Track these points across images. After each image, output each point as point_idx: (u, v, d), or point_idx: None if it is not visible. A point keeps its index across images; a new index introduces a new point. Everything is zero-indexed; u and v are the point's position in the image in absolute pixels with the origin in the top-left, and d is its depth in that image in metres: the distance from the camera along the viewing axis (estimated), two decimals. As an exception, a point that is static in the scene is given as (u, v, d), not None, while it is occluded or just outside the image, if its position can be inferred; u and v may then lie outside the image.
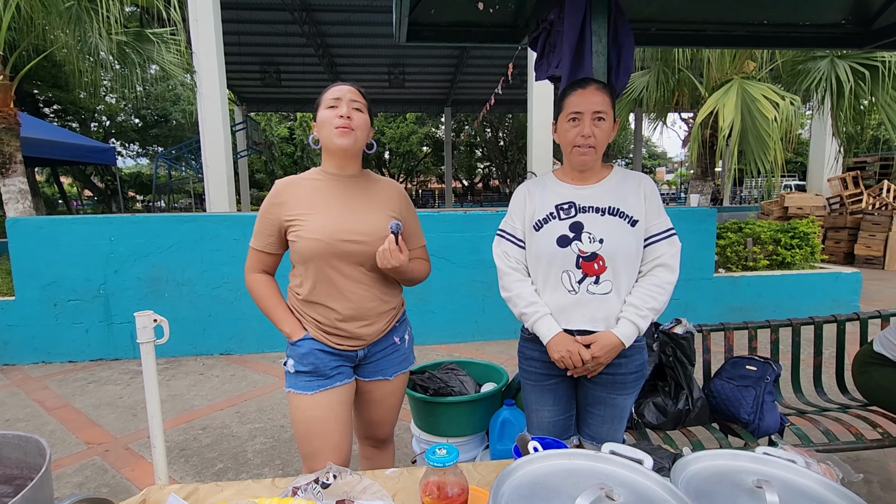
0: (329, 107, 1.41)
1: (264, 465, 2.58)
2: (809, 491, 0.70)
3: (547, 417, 1.55)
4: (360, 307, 1.45)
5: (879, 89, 4.66)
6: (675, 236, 1.43)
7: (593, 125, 1.38)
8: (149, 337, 1.36)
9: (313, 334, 1.46)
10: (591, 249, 1.39)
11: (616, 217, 1.40)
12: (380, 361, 1.56)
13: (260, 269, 1.51)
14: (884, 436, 1.87)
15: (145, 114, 18.77)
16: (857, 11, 2.61)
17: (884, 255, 8.14)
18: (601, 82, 1.43)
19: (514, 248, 1.52)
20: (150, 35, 5.75)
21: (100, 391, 3.61)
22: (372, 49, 13.83)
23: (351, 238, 1.40)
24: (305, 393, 1.44)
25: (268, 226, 1.46)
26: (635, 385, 1.49)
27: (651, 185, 1.46)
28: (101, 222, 4.22)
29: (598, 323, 1.41)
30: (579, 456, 0.75)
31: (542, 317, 1.44)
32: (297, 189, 1.45)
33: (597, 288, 1.40)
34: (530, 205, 1.50)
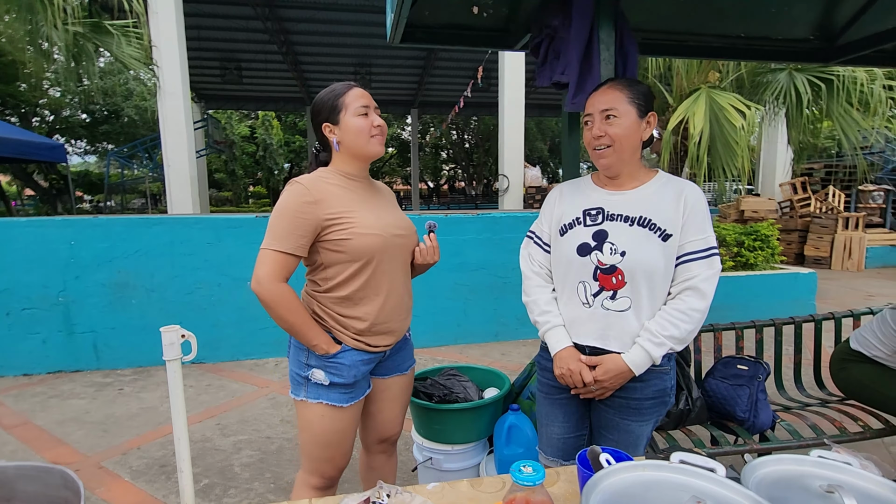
0: (360, 115, 1.43)
1: (254, 479, 2.48)
2: (875, 493, 0.73)
3: (556, 433, 1.48)
4: (401, 300, 1.51)
5: (833, 101, 5.00)
6: (715, 257, 1.28)
7: (604, 124, 1.30)
8: (176, 354, 1.27)
9: (351, 343, 1.43)
10: (610, 261, 1.29)
11: (645, 228, 1.28)
12: (396, 357, 1.61)
13: (285, 276, 1.36)
14: (864, 428, 1.99)
15: (94, 109, 17.73)
16: (823, 29, 2.78)
17: (830, 256, 8.71)
18: (618, 80, 1.36)
19: (539, 252, 1.46)
20: (108, 27, 5.44)
21: (63, 406, 3.38)
22: (338, 48, 13.60)
23: (398, 232, 1.47)
24: (340, 405, 1.43)
25: (301, 226, 1.35)
26: (653, 412, 1.37)
27: (696, 195, 1.30)
28: (60, 225, 3.96)
29: (610, 341, 1.31)
30: (651, 467, 0.75)
31: (553, 328, 1.39)
32: (328, 188, 1.41)
33: (612, 304, 1.30)
34: (559, 207, 1.43)
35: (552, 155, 26.74)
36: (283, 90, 16.93)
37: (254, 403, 3.38)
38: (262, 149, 24.08)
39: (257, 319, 4.27)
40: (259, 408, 3.31)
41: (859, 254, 8.57)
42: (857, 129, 5.27)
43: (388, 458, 1.73)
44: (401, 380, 1.63)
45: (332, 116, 1.43)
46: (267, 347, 4.33)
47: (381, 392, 1.60)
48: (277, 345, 4.33)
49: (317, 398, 1.42)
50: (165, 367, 4.16)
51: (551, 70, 1.88)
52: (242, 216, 4.28)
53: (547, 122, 24.40)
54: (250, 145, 24.91)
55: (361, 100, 1.43)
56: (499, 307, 4.74)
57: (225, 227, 4.16)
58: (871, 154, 10.06)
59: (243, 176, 25.84)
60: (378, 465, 1.72)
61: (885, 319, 2.08)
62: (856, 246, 8.56)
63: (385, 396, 1.61)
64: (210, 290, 4.17)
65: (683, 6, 2.44)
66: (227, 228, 4.15)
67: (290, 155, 26.75)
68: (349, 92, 1.43)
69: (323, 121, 1.45)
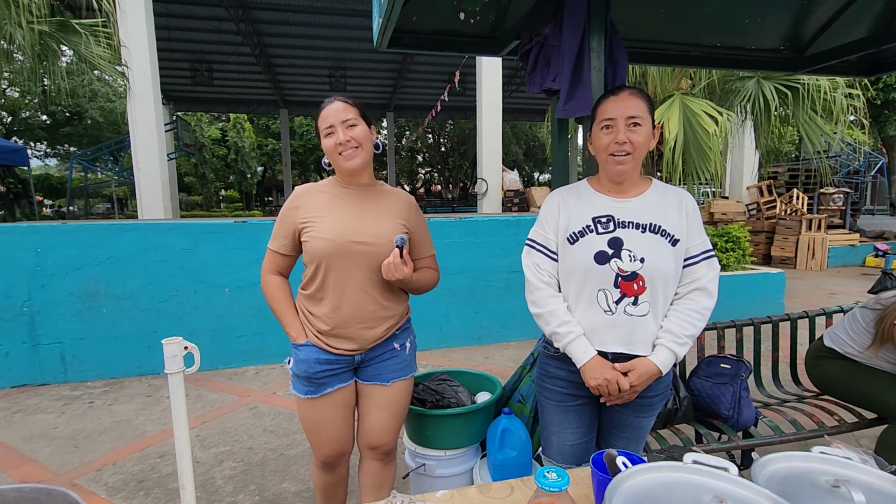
0: (326, 135, 1.50)
1: (238, 491, 2.41)
2: (878, 487, 0.75)
3: (570, 440, 1.48)
4: (360, 309, 1.53)
5: (799, 108, 5.22)
6: (714, 258, 1.37)
7: (629, 131, 1.30)
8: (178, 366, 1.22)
9: (312, 339, 1.54)
10: (631, 268, 1.31)
11: (657, 235, 1.32)
12: (378, 366, 1.62)
13: (275, 270, 1.59)
14: (840, 422, 2.08)
15: (55, 110, 17.05)
16: (792, 40, 2.90)
17: (795, 256, 9.07)
18: (636, 88, 1.37)
19: (546, 261, 1.43)
20: (76, 26, 5.24)
21: (29, 422, 3.22)
22: (312, 51, 13.46)
23: (359, 239, 1.49)
24: (301, 396, 1.58)
25: (284, 227, 1.55)
26: (659, 406, 1.45)
27: (693, 203, 1.40)
28: (25, 232, 3.78)
29: (636, 346, 1.34)
30: (668, 468, 0.77)
31: (577, 338, 1.36)
32: (315, 195, 1.55)
33: (635, 309, 1.32)
34: (565, 215, 1.41)
35: (527, 158, 27.05)
36: (255, 93, 16.63)
37: (234, 413, 3.29)
38: (234, 152, 23.60)
39: (235, 327, 4.17)
40: (240, 418, 3.22)
41: (822, 254, 8.95)
42: (820, 135, 5.53)
43: (383, 466, 1.71)
44: (382, 390, 1.62)
45: (318, 136, 1.55)
46: (246, 355, 4.22)
47: (364, 397, 1.65)
48: (257, 353, 4.23)
49: (292, 388, 1.60)
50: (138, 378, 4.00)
51: (542, 77, 1.90)
52: (220, 221, 4.17)
53: (521, 126, 24.68)
54: (221, 148, 24.37)
55: (327, 119, 1.49)
56: (481, 311, 4.76)
57: (202, 232, 4.04)
58: (829, 158, 10.55)
59: (214, 179, 25.27)
60: (372, 471, 1.71)
61: (855, 318, 2.17)
62: (818, 246, 8.94)
63: (367, 402, 1.64)
64: (186, 297, 4.05)
65: (664, 17, 2.51)
66: (203, 234, 4.04)
67: (262, 158, 26.29)
68: (321, 113, 1.51)
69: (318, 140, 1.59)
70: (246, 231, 4.13)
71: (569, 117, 1.80)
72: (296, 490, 2.41)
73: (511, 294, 4.77)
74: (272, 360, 4.28)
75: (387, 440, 1.67)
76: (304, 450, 2.79)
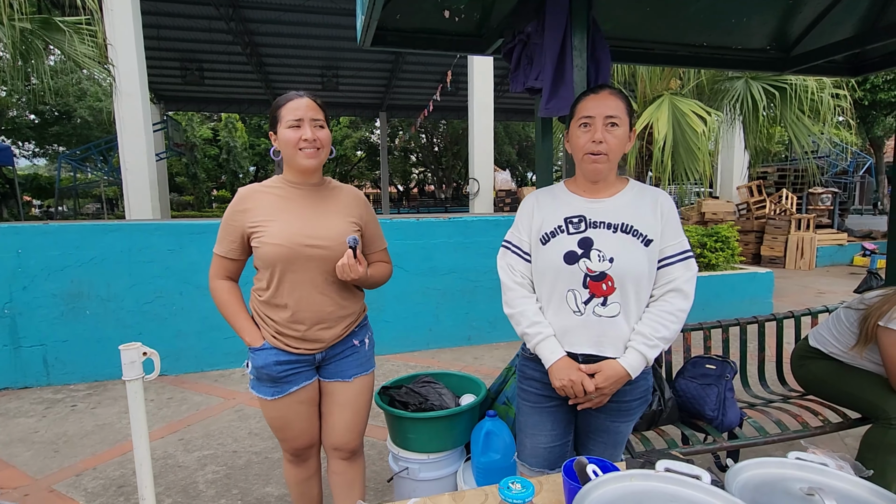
0: (290, 126, 1.44)
1: (220, 496, 2.37)
2: (852, 494, 0.74)
3: (543, 443, 1.45)
4: (319, 311, 1.52)
5: (787, 108, 5.25)
6: (691, 259, 1.33)
7: (605, 130, 1.29)
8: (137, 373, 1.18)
9: (271, 342, 1.52)
10: (599, 268, 1.29)
11: (629, 235, 1.30)
12: (339, 363, 1.62)
13: (224, 275, 1.56)
14: (824, 422, 2.07)
15: (43, 109, 16.84)
16: (778, 40, 2.90)
17: (784, 256, 9.13)
18: (616, 88, 1.36)
19: (519, 262, 1.43)
20: (59, 23, 5.16)
21: (9, 426, 3.16)
22: (304, 50, 13.38)
23: (311, 243, 1.47)
24: (265, 398, 1.57)
25: (231, 232, 1.51)
26: (639, 411, 1.41)
27: (669, 202, 1.35)
28: (6, 232, 3.71)
29: (605, 348, 1.32)
30: (638, 477, 0.75)
31: (546, 339, 1.36)
32: (260, 197, 1.51)
33: (604, 310, 1.30)
34: (538, 216, 1.40)
35: (520, 158, 27.07)
36: (247, 92, 16.52)
37: (219, 416, 3.25)
38: (226, 152, 23.44)
39: (222, 328, 4.12)
40: (224, 421, 3.18)
41: (810, 253, 9.01)
42: (807, 135, 5.56)
43: (349, 464, 1.72)
44: (344, 387, 1.62)
45: (273, 125, 1.50)
46: (232, 357, 4.18)
47: (326, 395, 1.64)
48: (243, 354, 4.14)
49: (251, 388, 1.59)
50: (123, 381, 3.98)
51: (525, 76, 1.88)
52: (206, 221, 4.12)
53: (514, 126, 24.69)
54: (213, 148, 24.20)
55: (296, 112, 1.44)
56: (471, 311, 4.74)
57: (187, 233, 3.99)
58: (817, 158, 10.63)
59: (206, 179, 25.09)
60: (339, 470, 1.72)
61: (839, 318, 2.17)
62: (807, 246, 9.00)
63: (330, 401, 1.64)
64: (171, 299, 4.00)
65: (650, 16, 2.50)
66: (189, 235, 3.99)
67: (255, 158, 26.14)
68: (289, 103, 1.46)
69: (270, 129, 1.55)
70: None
71: (551, 116, 1.78)
72: (279, 494, 2.37)
73: (501, 295, 4.74)
74: (259, 362, 4.23)
75: (350, 438, 1.67)
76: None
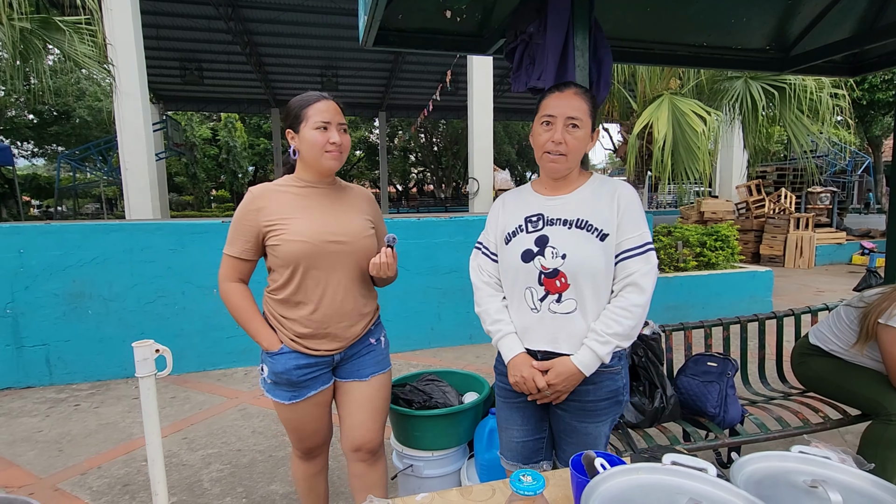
0: (317, 128, 1.44)
1: (225, 494, 2.39)
2: (855, 486, 0.75)
3: (515, 437, 1.47)
4: (341, 308, 1.52)
5: (786, 108, 5.27)
6: (651, 252, 1.30)
7: (566, 131, 1.29)
8: (149, 370, 1.20)
9: (289, 344, 1.50)
10: (553, 265, 1.29)
11: (583, 230, 1.29)
12: (356, 362, 1.62)
13: (236, 277, 1.52)
14: (825, 419, 2.09)
15: (42, 109, 16.82)
16: (778, 40, 2.92)
17: (783, 255, 9.15)
18: (583, 87, 1.36)
19: (487, 262, 1.47)
20: (59, 23, 5.16)
21: (12, 425, 3.17)
22: (304, 50, 13.39)
23: (334, 239, 1.48)
24: (283, 402, 1.54)
25: (244, 232, 1.48)
26: (608, 412, 1.38)
27: (629, 194, 1.32)
28: (7, 232, 3.72)
29: (560, 344, 1.31)
30: (645, 470, 0.76)
31: (505, 336, 1.39)
32: (275, 195, 1.50)
33: (559, 307, 1.30)
34: (503, 216, 1.44)
35: (520, 158, 27.10)
36: (246, 92, 16.51)
37: (222, 415, 3.26)
38: (225, 151, 23.42)
39: (224, 328, 4.14)
40: (228, 419, 3.19)
41: (809, 252, 9.04)
42: (806, 134, 5.58)
43: (369, 466, 1.69)
44: (361, 386, 1.61)
45: (294, 124, 1.49)
46: (235, 357, 4.19)
47: (343, 395, 1.63)
48: (246, 354, 4.20)
49: (268, 393, 1.56)
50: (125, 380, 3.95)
51: (527, 75, 1.90)
52: (207, 221, 4.13)
53: (514, 126, 24.72)
54: (212, 148, 24.19)
55: (324, 114, 1.44)
56: (472, 310, 4.70)
57: (188, 232, 4.00)
58: (816, 158, 10.66)
59: (205, 179, 25.07)
60: (359, 472, 1.69)
61: (839, 315, 2.19)
62: (806, 245, 9.03)
63: (347, 400, 1.63)
64: (173, 298, 4.01)
65: (650, 16, 2.52)
66: (190, 234, 4.00)
67: (254, 158, 26.13)
68: (315, 104, 1.45)
69: (287, 126, 1.53)
70: (234, 231, 4.09)
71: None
72: (284, 492, 2.39)
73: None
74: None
75: (370, 437, 1.65)
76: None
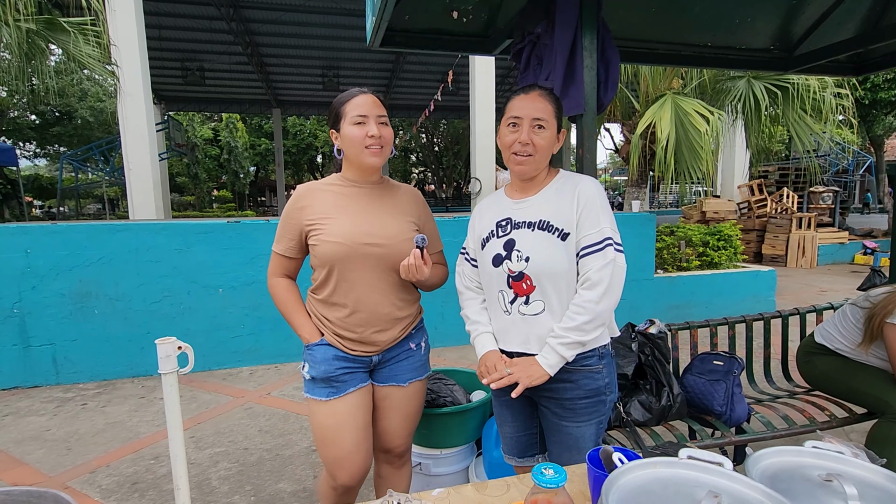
0: (356, 123, 1.41)
1: (233, 492, 2.40)
2: (869, 480, 0.77)
3: (508, 432, 1.52)
4: (375, 312, 1.48)
5: (789, 107, 5.28)
6: (608, 247, 1.27)
7: (532, 132, 1.30)
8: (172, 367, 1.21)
9: (329, 339, 1.48)
10: (518, 268, 1.32)
11: (545, 231, 1.30)
12: (394, 367, 1.57)
13: (282, 273, 1.53)
14: (831, 417, 2.10)
15: (45, 110, 16.85)
16: (782, 40, 2.93)
17: (786, 254, 9.16)
18: (547, 89, 1.37)
19: (468, 267, 1.51)
20: (64, 24, 5.19)
21: (20, 424, 3.19)
22: (305, 50, 13.40)
23: (371, 241, 1.43)
24: (320, 399, 1.48)
25: (289, 230, 1.48)
26: (590, 412, 1.35)
27: (589, 189, 1.31)
28: (15, 232, 3.74)
29: (531, 345, 1.33)
30: (663, 464, 0.77)
31: (479, 335, 1.44)
32: (319, 194, 1.48)
33: (527, 308, 1.32)
34: (479, 223, 1.47)
35: (520, 158, 27.04)
36: (248, 92, 16.54)
37: (229, 414, 3.28)
38: (227, 152, 23.45)
39: (229, 327, 4.15)
40: (234, 418, 3.21)
41: (812, 252, 9.04)
42: (809, 134, 5.59)
43: (396, 469, 1.69)
44: (398, 392, 1.57)
45: (335, 124, 1.47)
46: (240, 356, 4.21)
47: (379, 400, 1.58)
48: (251, 353, 4.22)
49: (307, 392, 1.51)
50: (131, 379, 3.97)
51: (534, 76, 1.91)
52: (212, 221, 4.15)
53: (515, 126, 24.68)
54: (214, 148, 24.22)
55: (361, 108, 1.41)
56: (475, 310, 4.75)
57: (194, 232, 4.02)
58: (818, 157, 10.66)
59: (207, 180, 25.10)
60: (385, 474, 1.70)
61: (845, 314, 2.20)
62: (808, 244, 9.04)
63: (383, 405, 1.58)
64: (179, 298, 4.03)
65: (655, 16, 2.53)
66: (196, 234, 4.02)
67: (255, 158, 26.16)
68: (352, 100, 1.43)
69: (330, 127, 1.50)
70: (239, 231, 4.11)
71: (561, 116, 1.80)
72: (292, 490, 2.40)
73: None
74: (266, 361, 4.27)
75: (399, 442, 1.64)
76: (300, 450, 2.78)
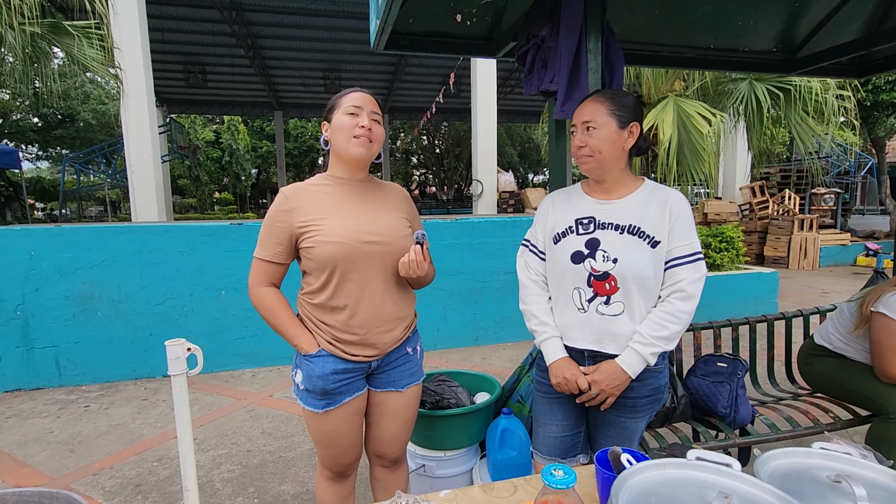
0: (349, 113, 1.40)
1: (237, 494, 2.40)
2: (877, 481, 0.77)
3: (554, 433, 1.50)
4: (379, 312, 1.45)
5: (791, 109, 5.29)
6: (700, 261, 1.34)
7: (585, 135, 1.37)
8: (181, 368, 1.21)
9: (327, 348, 1.42)
10: (603, 268, 1.34)
11: (634, 236, 1.33)
12: (392, 372, 1.54)
13: (267, 281, 1.45)
14: (835, 419, 2.10)
15: (47, 112, 16.91)
16: (785, 42, 2.94)
17: (787, 256, 9.15)
18: (602, 92, 1.41)
19: (535, 260, 1.50)
20: (68, 27, 5.21)
21: (23, 426, 3.19)
22: (307, 53, 13.44)
23: (371, 239, 1.40)
24: (315, 410, 1.44)
25: (276, 234, 1.41)
26: (648, 408, 1.42)
27: (680, 203, 1.36)
28: (18, 235, 3.75)
29: (607, 344, 1.36)
30: (672, 465, 0.77)
31: (549, 339, 1.44)
32: (308, 195, 1.43)
33: (607, 308, 1.35)
34: (552, 216, 1.47)
35: (522, 160, 27.09)
36: (249, 95, 16.58)
37: (231, 416, 3.28)
38: (229, 154, 23.50)
39: (232, 329, 4.16)
40: (237, 421, 3.21)
41: (814, 253, 9.03)
42: (811, 136, 5.60)
43: (390, 472, 1.68)
44: (396, 397, 1.54)
45: (328, 114, 1.45)
46: (242, 358, 4.21)
47: (376, 406, 1.55)
48: (253, 355, 4.22)
49: (300, 401, 1.47)
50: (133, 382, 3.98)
51: (539, 79, 1.91)
52: (216, 223, 4.16)
53: (516, 128, 24.72)
54: (215, 150, 24.27)
55: (356, 101, 1.41)
56: (477, 312, 4.77)
57: (197, 235, 4.03)
58: (820, 159, 10.66)
59: (208, 182, 25.15)
60: (380, 476, 1.68)
61: (842, 312, 2.20)
62: (810, 246, 9.03)
63: (379, 411, 1.56)
64: (181, 300, 4.03)
65: (658, 19, 2.54)
66: (199, 237, 4.03)
67: (257, 160, 26.21)
68: (350, 94, 1.43)
69: (323, 119, 1.49)
70: (242, 233, 4.12)
71: (566, 118, 1.81)
72: (295, 492, 2.40)
73: (508, 295, 4.78)
74: (269, 363, 4.27)
75: (395, 448, 1.62)
76: (302, 452, 2.78)
